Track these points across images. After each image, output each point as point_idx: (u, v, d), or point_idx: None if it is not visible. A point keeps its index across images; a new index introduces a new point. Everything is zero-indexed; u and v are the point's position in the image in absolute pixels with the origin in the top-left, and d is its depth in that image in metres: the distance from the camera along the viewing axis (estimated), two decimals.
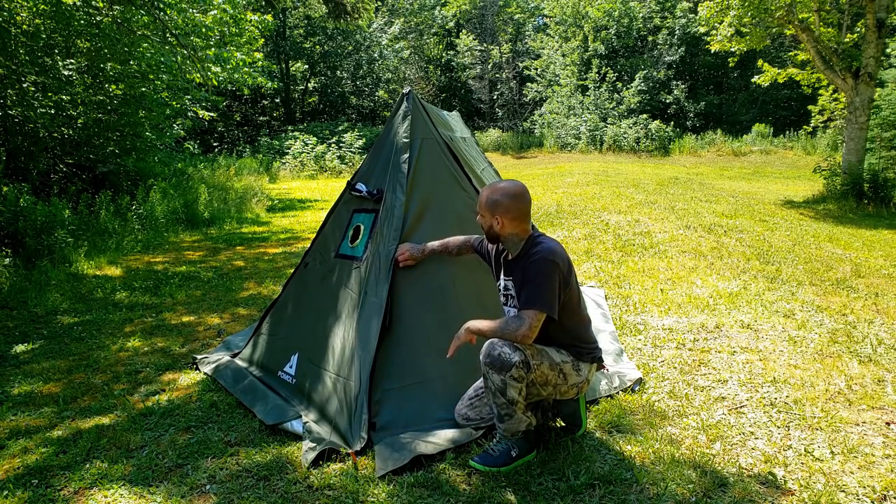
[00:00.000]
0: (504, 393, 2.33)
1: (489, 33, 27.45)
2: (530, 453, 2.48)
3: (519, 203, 2.41)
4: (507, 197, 2.41)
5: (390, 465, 2.40)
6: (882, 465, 2.40)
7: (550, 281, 2.31)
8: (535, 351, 2.36)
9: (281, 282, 5.37)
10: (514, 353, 2.30)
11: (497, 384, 2.32)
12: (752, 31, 11.74)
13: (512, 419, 2.38)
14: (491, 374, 2.32)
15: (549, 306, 2.30)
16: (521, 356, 2.30)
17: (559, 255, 2.36)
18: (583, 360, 2.47)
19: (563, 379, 2.43)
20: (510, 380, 2.30)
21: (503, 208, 2.40)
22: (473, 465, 2.40)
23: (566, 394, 2.49)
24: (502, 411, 2.37)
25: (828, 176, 10.96)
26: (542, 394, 2.45)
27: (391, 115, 3.14)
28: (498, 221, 2.42)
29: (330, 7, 17.20)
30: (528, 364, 2.32)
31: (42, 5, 7.38)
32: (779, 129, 20.00)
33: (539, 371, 2.36)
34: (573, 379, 2.45)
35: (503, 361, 2.29)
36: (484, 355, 2.33)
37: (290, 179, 17.60)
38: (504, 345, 2.31)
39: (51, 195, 7.23)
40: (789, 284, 5.02)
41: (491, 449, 2.44)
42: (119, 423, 2.87)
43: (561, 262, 2.34)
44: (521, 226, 2.43)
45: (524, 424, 2.41)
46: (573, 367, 2.45)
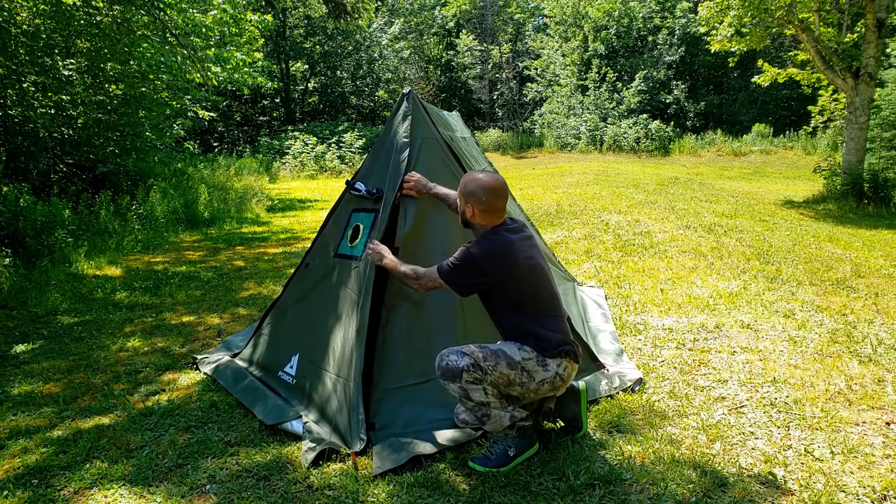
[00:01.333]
0: (469, 397, 2.34)
1: (489, 33, 27.45)
2: (530, 449, 2.45)
3: (492, 198, 2.46)
4: (482, 189, 2.46)
5: (388, 464, 2.40)
6: (882, 465, 2.40)
7: (461, 266, 2.40)
8: (487, 353, 2.35)
9: (281, 282, 5.37)
10: (461, 359, 2.32)
11: (458, 392, 2.35)
12: (752, 31, 11.74)
13: (491, 419, 2.38)
14: (448, 385, 2.36)
15: (450, 281, 2.43)
16: (468, 360, 2.31)
17: (486, 253, 2.39)
18: (548, 354, 2.40)
19: (528, 377, 2.38)
20: (467, 385, 2.32)
21: (475, 199, 2.46)
22: (473, 467, 2.40)
23: (539, 392, 2.42)
24: (477, 414, 2.38)
25: (828, 176, 10.96)
26: (511, 394, 2.43)
27: (391, 115, 3.14)
28: (470, 209, 2.49)
29: (330, 7, 17.19)
30: (479, 367, 2.32)
31: (42, 5, 7.38)
32: (779, 129, 20.00)
33: (497, 372, 2.34)
34: (540, 375, 2.39)
35: (452, 370, 2.32)
36: (436, 368, 2.38)
37: (290, 179, 17.60)
38: (451, 352, 2.35)
39: (51, 195, 7.23)
40: (789, 284, 5.02)
41: (489, 450, 2.44)
42: (119, 423, 2.87)
43: (482, 257, 2.38)
44: (488, 219, 2.49)
45: (507, 418, 2.39)
46: (538, 363, 2.39)
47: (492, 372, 2.34)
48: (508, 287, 2.42)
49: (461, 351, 2.35)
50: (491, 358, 2.35)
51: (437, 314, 2.85)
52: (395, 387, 2.74)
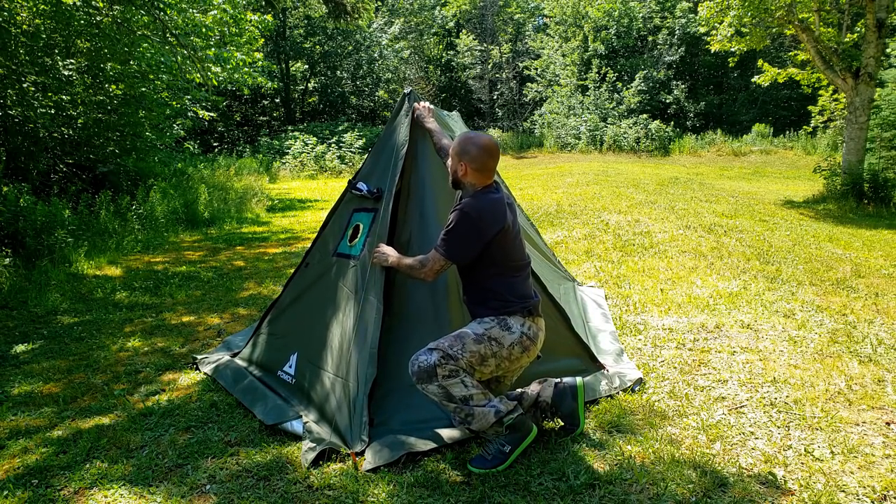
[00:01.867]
0: (451, 397, 2.31)
1: (489, 33, 27.45)
2: (525, 439, 2.43)
3: (485, 157, 2.46)
4: (476, 147, 2.46)
5: (379, 460, 2.41)
6: (882, 465, 2.40)
7: (461, 232, 2.38)
8: (451, 340, 2.35)
9: (281, 282, 5.37)
10: (430, 356, 2.31)
11: (438, 393, 2.32)
12: (752, 31, 11.74)
13: (475, 417, 2.34)
14: (427, 388, 2.33)
15: (452, 254, 2.41)
16: (437, 354, 2.31)
17: (482, 210, 2.39)
18: (509, 312, 2.41)
19: (497, 345, 2.37)
20: (444, 381, 2.30)
21: (469, 157, 2.45)
22: (471, 469, 2.39)
23: (516, 360, 2.42)
24: (460, 416, 2.35)
25: (828, 176, 10.96)
26: (486, 371, 2.41)
27: (392, 116, 3.14)
28: (462, 167, 2.48)
29: (330, 7, 17.20)
30: (448, 356, 2.30)
31: (42, 5, 7.38)
32: (779, 129, 20.00)
33: (467, 353, 2.33)
34: (508, 339, 2.38)
35: (424, 369, 2.30)
36: (410, 374, 2.36)
37: (290, 179, 17.60)
38: (419, 355, 2.35)
39: (51, 195, 7.23)
40: (789, 284, 5.02)
41: (485, 451, 2.43)
42: (119, 423, 2.87)
43: (478, 216, 2.38)
44: (480, 178, 2.49)
45: (492, 414, 2.35)
46: (501, 328, 2.39)
47: (462, 355, 2.32)
48: (494, 246, 2.41)
49: (427, 348, 2.35)
50: (456, 342, 2.34)
51: (437, 313, 2.85)
52: (394, 386, 2.74)
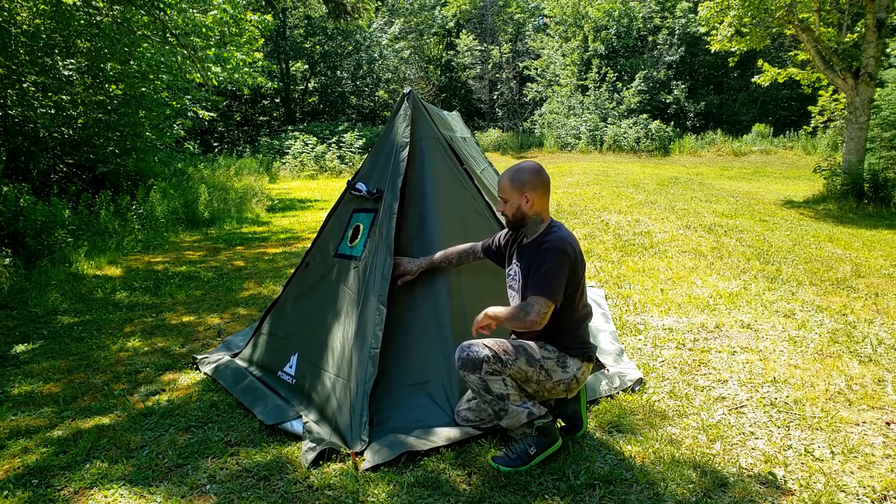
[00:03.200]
0: (489, 390, 2.33)
1: (489, 33, 27.45)
2: (552, 446, 2.43)
3: (542, 178, 2.45)
4: (530, 173, 2.43)
5: (378, 458, 2.41)
6: (882, 465, 2.40)
7: (560, 270, 2.31)
8: (507, 347, 2.35)
9: (281, 282, 5.37)
10: (482, 350, 2.31)
11: (477, 383, 2.33)
12: (752, 31, 11.74)
13: (508, 413, 2.36)
14: (468, 376, 2.35)
15: (556, 296, 2.31)
16: (489, 351, 2.31)
17: (572, 245, 2.36)
18: (571, 354, 2.42)
19: (546, 375, 2.39)
20: (487, 376, 2.31)
21: (531, 185, 2.41)
22: (492, 465, 2.40)
23: (553, 392, 2.44)
24: (495, 408, 2.37)
25: (828, 176, 10.96)
26: (525, 390, 2.43)
27: (392, 115, 3.14)
28: (527, 199, 2.41)
29: (330, 7, 17.20)
30: (499, 359, 2.31)
31: (42, 5, 7.38)
32: (779, 129, 20.01)
33: (516, 367, 2.34)
34: (558, 375, 2.41)
35: (472, 360, 2.31)
36: (456, 360, 2.37)
37: (290, 179, 17.60)
38: (471, 345, 2.34)
39: (51, 195, 7.23)
40: (789, 284, 5.02)
41: (509, 449, 2.43)
42: (119, 423, 2.87)
43: (572, 252, 2.34)
44: (545, 205, 2.47)
45: (524, 415, 2.37)
46: (558, 363, 2.40)
47: (511, 366, 2.33)
48: (575, 285, 2.38)
49: (483, 343, 2.34)
50: (512, 352, 2.34)
51: (437, 314, 2.85)
52: (395, 386, 2.74)
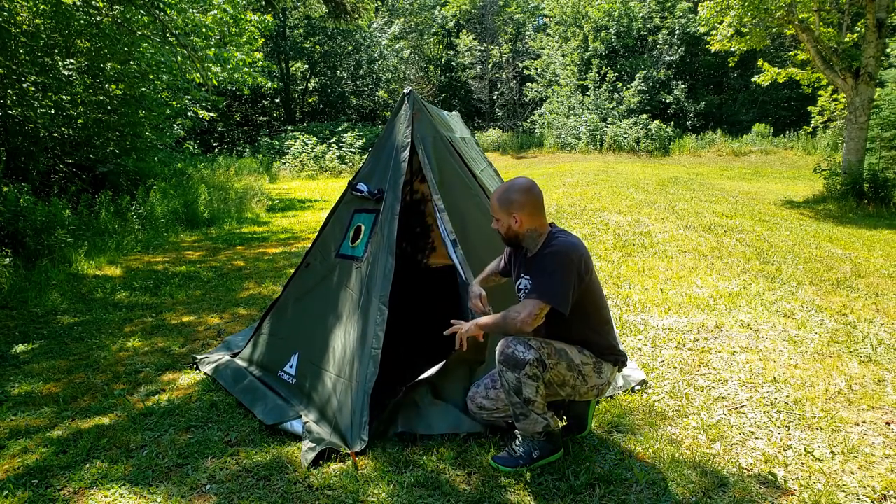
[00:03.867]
0: (519, 392, 2.31)
1: (489, 33, 27.45)
2: (555, 454, 2.43)
3: (531, 196, 2.39)
4: (518, 192, 2.39)
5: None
6: (882, 465, 2.40)
7: (562, 273, 2.27)
8: (552, 350, 2.33)
9: (281, 282, 5.37)
10: (529, 352, 2.27)
11: (512, 383, 2.30)
12: (752, 31, 11.74)
13: (527, 419, 2.35)
14: (506, 373, 2.31)
15: (555, 298, 2.25)
16: (535, 354, 2.27)
17: (576, 249, 2.32)
18: (605, 360, 2.43)
19: (582, 380, 2.39)
20: (525, 378, 2.28)
21: (518, 204, 2.37)
22: (493, 465, 2.40)
23: (585, 395, 2.46)
24: (517, 410, 2.35)
25: (828, 176, 10.96)
26: (559, 394, 2.42)
27: (392, 116, 3.14)
28: (516, 220, 2.38)
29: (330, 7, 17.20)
30: (543, 363, 2.29)
31: (42, 5, 7.38)
32: (779, 129, 20.00)
33: (556, 371, 2.33)
34: (593, 381, 2.41)
35: (517, 359, 2.27)
36: (498, 353, 2.33)
37: (290, 179, 17.60)
38: (518, 343, 2.30)
39: (51, 195, 7.23)
40: (789, 284, 5.02)
41: (512, 449, 2.43)
42: (119, 423, 2.87)
43: (576, 256, 2.30)
44: (538, 220, 2.41)
45: (541, 425, 2.36)
46: (594, 369, 2.40)
47: (553, 369, 2.32)
48: (587, 289, 2.35)
49: (528, 343, 2.30)
50: (554, 356, 2.33)
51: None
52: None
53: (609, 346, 2.46)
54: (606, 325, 2.48)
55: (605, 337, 2.45)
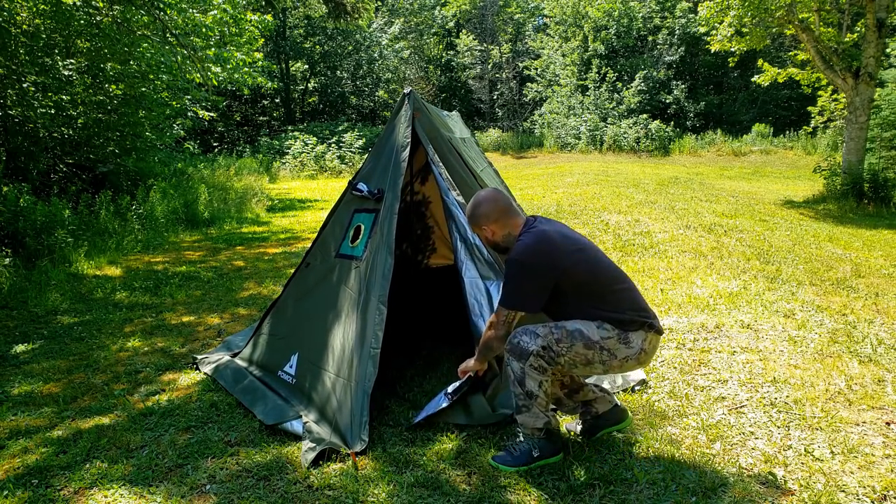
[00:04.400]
0: (522, 383, 2.31)
1: (489, 33, 27.45)
2: (555, 455, 2.41)
3: (495, 205, 2.42)
4: (482, 205, 2.44)
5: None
6: (882, 465, 2.40)
7: (519, 279, 2.31)
8: (563, 333, 2.28)
9: (281, 282, 5.37)
10: (534, 342, 2.27)
11: (517, 372, 2.32)
12: (752, 31, 11.74)
13: (529, 412, 2.34)
14: (511, 362, 2.33)
15: (517, 303, 2.32)
16: (541, 343, 2.26)
17: (533, 252, 2.30)
18: (629, 329, 2.30)
19: (609, 355, 2.28)
20: (529, 369, 2.28)
21: (484, 217, 2.43)
22: (492, 464, 2.40)
23: (625, 368, 2.35)
24: (519, 402, 2.36)
25: (828, 176, 10.96)
26: (593, 373, 2.38)
27: (392, 116, 3.14)
28: (488, 230, 2.45)
29: (330, 7, 17.21)
30: (550, 351, 2.26)
31: (42, 5, 7.38)
32: (779, 129, 20.00)
33: (572, 353, 2.27)
34: (623, 353, 2.29)
35: (521, 349, 2.29)
36: (507, 342, 2.36)
37: (290, 179, 17.60)
38: (525, 332, 2.31)
39: (51, 195, 7.23)
40: (789, 284, 5.02)
41: (512, 447, 2.42)
42: (119, 423, 2.87)
43: (533, 258, 2.29)
44: (509, 224, 2.43)
45: (542, 422, 2.35)
46: (619, 341, 2.28)
47: (566, 353, 2.28)
48: (564, 278, 2.30)
49: (535, 332, 2.29)
50: (566, 339, 2.28)
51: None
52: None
53: (627, 315, 2.30)
54: (615, 295, 2.35)
55: (617, 306, 2.32)
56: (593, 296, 2.33)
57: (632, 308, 2.34)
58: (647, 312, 2.36)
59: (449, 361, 3.47)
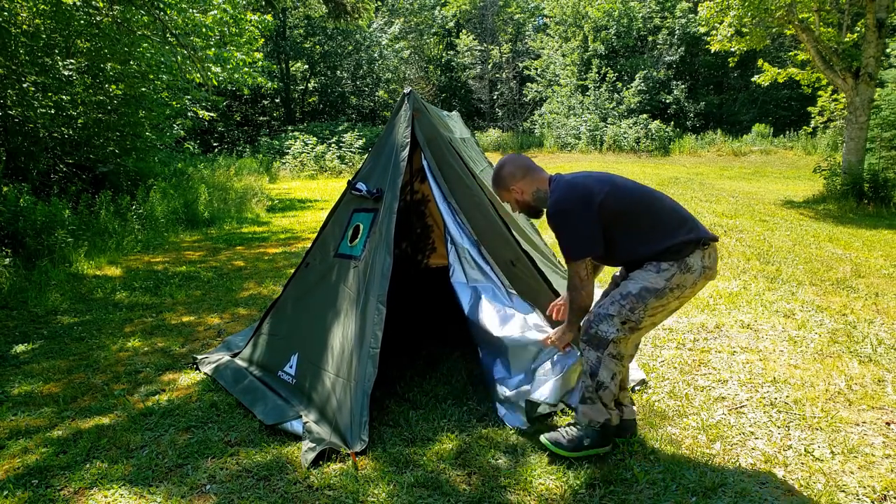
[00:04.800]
0: (595, 374, 2.33)
1: (489, 33, 27.46)
2: (603, 447, 2.43)
3: (517, 164, 2.45)
4: (502, 168, 2.47)
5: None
6: (882, 465, 2.40)
7: (567, 230, 2.29)
8: (630, 301, 2.26)
9: (281, 282, 5.36)
10: (611, 328, 2.29)
11: (592, 362, 2.34)
12: (752, 31, 11.73)
13: (593, 406, 2.37)
14: (588, 352, 2.35)
15: (580, 251, 2.27)
16: (617, 324, 2.27)
17: (565, 199, 2.30)
18: (686, 255, 2.25)
19: (679, 289, 2.26)
20: (607, 358, 2.31)
21: (511, 178, 2.44)
22: (543, 442, 2.44)
23: (697, 289, 2.33)
24: (587, 394, 2.38)
25: (828, 176, 10.95)
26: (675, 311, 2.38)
27: (392, 116, 3.14)
28: (518, 192, 2.44)
29: (330, 7, 17.20)
30: (629, 322, 2.26)
31: (42, 5, 7.38)
32: (779, 129, 20.00)
33: (649, 311, 2.27)
34: (690, 279, 2.26)
35: (600, 338, 2.31)
36: (582, 332, 2.37)
37: (290, 179, 17.59)
38: (600, 320, 2.32)
39: (51, 195, 7.23)
40: (789, 284, 5.02)
41: (565, 432, 2.44)
42: (119, 423, 2.87)
43: (570, 205, 2.28)
44: (535, 180, 2.44)
45: (603, 418, 2.38)
46: (682, 271, 2.24)
47: (644, 315, 2.27)
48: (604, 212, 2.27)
49: (608, 314, 2.29)
50: (638, 303, 2.26)
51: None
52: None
53: (678, 238, 2.26)
54: (656, 218, 2.31)
55: (664, 233, 2.27)
56: (638, 232, 2.30)
57: (678, 225, 2.29)
58: (692, 224, 2.32)
59: (449, 361, 3.48)
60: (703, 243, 2.27)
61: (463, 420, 2.81)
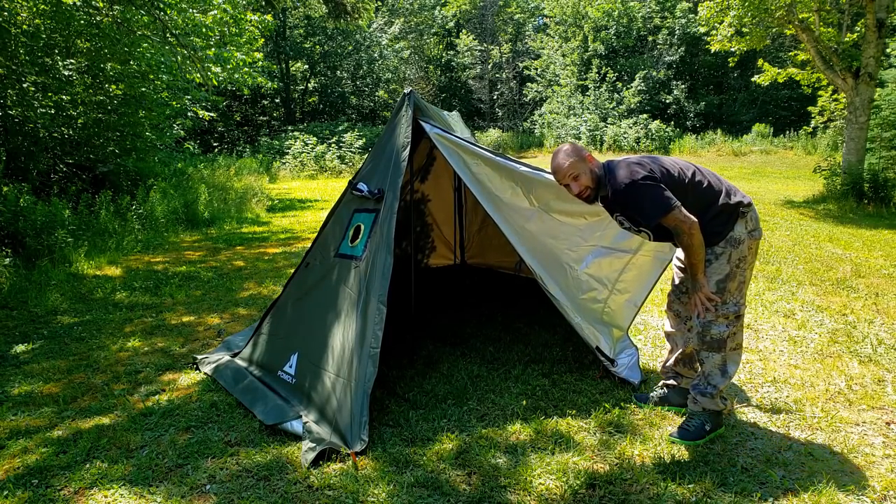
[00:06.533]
0: (725, 371, 2.52)
1: (489, 33, 27.46)
2: (720, 428, 2.63)
3: (573, 153, 2.53)
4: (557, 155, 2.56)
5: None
6: (882, 465, 2.40)
7: (649, 194, 2.36)
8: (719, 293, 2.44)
9: (281, 282, 5.36)
10: (721, 328, 2.47)
11: (718, 363, 2.50)
12: (752, 31, 11.74)
13: (712, 399, 2.55)
14: (711, 357, 2.50)
15: (668, 205, 2.34)
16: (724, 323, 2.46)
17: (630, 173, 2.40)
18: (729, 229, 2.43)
19: (742, 261, 2.45)
20: (730, 353, 2.51)
21: (579, 164, 2.51)
22: (672, 440, 2.57)
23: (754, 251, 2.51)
24: (708, 389, 2.55)
25: (828, 176, 10.96)
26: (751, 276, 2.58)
27: (392, 116, 3.14)
28: (585, 176, 2.51)
29: (330, 7, 17.21)
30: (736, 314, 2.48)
31: (42, 5, 7.37)
32: (779, 129, 20.01)
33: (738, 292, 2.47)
34: (744, 247, 2.44)
35: (717, 340, 2.48)
36: (698, 342, 2.54)
37: (290, 179, 17.59)
38: (709, 328, 2.47)
39: (51, 195, 7.23)
40: (789, 284, 5.01)
41: (686, 425, 2.59)
42: (119, 423, 2.87)
43: (637, 177, 2.38)
44: (590, 161, 2.54)
45: (718, 407, 2.57)
46: (733, 246, 2.43)
47: (738, 299, 2.48)
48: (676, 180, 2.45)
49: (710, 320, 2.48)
50: (724, 296, 2.46)
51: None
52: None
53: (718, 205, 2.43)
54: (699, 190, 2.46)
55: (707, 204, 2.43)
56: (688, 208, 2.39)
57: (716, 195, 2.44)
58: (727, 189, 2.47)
59: (449, 361, 3.48)
60: (741, 213, 2.45)
61: (463, 420, 2.81)
